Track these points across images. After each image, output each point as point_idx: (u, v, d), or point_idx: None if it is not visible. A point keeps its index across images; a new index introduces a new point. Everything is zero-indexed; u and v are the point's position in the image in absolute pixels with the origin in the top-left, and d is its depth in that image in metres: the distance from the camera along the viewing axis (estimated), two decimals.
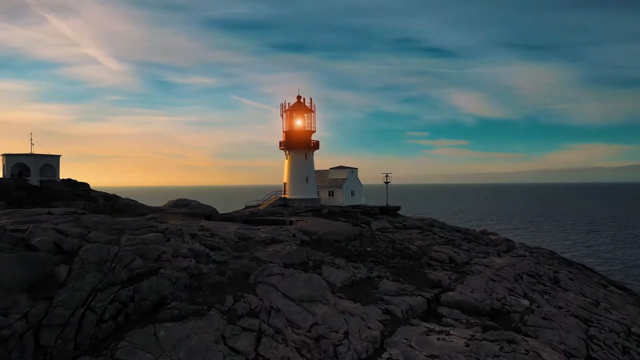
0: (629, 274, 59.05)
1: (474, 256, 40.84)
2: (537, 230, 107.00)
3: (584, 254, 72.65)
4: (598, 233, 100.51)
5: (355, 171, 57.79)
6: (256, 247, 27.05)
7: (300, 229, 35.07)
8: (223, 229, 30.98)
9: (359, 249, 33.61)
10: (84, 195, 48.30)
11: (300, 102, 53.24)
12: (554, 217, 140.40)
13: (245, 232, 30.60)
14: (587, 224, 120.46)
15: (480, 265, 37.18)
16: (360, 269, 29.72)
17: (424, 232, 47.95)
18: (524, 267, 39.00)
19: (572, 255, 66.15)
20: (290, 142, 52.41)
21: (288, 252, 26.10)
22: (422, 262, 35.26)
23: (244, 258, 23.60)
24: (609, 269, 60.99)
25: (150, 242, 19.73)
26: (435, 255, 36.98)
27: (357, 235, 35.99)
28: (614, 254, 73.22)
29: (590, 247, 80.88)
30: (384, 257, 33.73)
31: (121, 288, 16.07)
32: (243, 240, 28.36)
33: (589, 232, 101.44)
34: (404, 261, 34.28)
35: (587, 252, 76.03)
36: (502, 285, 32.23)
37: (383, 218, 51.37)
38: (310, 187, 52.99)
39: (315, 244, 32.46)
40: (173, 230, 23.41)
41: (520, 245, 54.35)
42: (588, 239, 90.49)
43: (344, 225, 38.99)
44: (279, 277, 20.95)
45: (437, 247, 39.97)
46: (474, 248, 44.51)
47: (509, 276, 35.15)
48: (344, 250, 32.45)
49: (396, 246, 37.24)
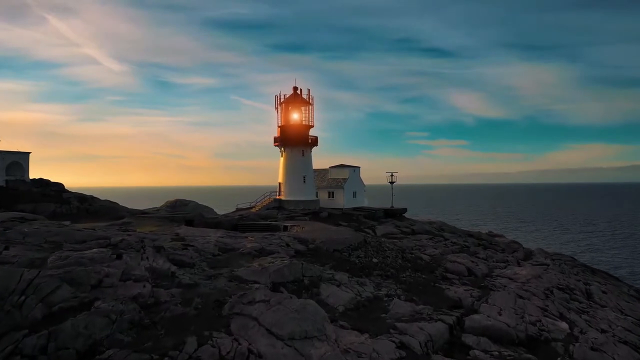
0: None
1: (493, 266, 35.95)
2: (538, 231, 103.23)
3: (589, 256, 68.69)
4: (601, 233, 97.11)
5: (358, 170, 52.82)
6: (239, 261, 22.14)
7: (295, 237, 30.16)
8: (202, 237, 26.06)
9: (364, 261, 28.70)
10: (55, 197, 43.43)
11: (296, 94, 48.26)
12: (556, 217, 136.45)
13: (229, 242, 25.69)
14: (589, 224, 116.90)
15: (503, 278, 32.29)
16: (366, 286, 24.85)
17: (435, 237, 43.03)
18: (551, 279, 34.16)
19: (585, 259, 61.64)
20: (285, 137, 47.41)
21: (278, 268, 21.19)
22: (436, 275, 30.36)
23: (221, 278, 18.67)
24: (628, 273, 56.51)
25: (90, 261, 14.78)
26: (451, 267, 32.06)
27: (362, 244, 31.08)
28: (620, 255, 69.79)
29: (595, 248, 77.20)
30: (393, 269, 28.81)
31: (28, 334, 11.11)
32: (224, 253, 23.44)
33: (593, 233, 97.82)
34: (416, 274, 29.38)
35: (592, 253, 72.36)
36: (533, 304, 27.34)
37: (389, 222, 46.44)
38: (307, 187, 48.05)
39: (313, 255, 27.56)
40: (131, 242, 18.46)
41: (538, 251, 49.46)
42: (591, 240, 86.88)
43: (346, 232, 34.06)
44: (263, 305, 16.02)
45: (452, 256, 35.05)
46: (492, 256, 39.59)
47: (538, 291, 30.31)
48: (346, 263, 27.55)
49: (406, 256, 32.31)
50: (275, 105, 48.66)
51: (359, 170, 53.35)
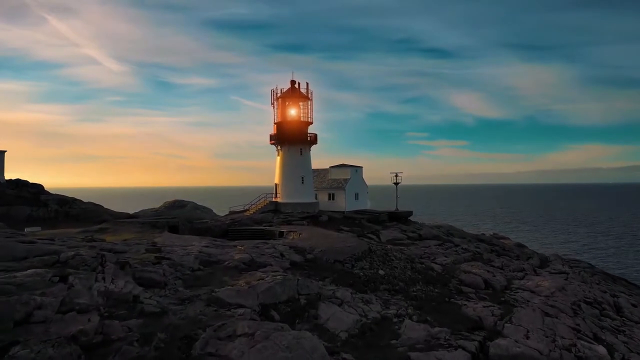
0: None
1: (510, 277, 32.55)
2: (539, 232, 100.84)
3: (595, 258, 65.96)
4: (603, 234, 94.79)
5: (360, 170, 49.33)
6: (223, 277, 18.70)
7: (291, 245, 26.72)
8: (183, 247, 22.63)
9: (369, 273, 25.25)
10: (32, 199, 39.99)
11: (294, 88, 44.81)
12: (557, 218, 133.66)
13: (214, 253, 22.25)
14: (591, 225, 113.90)
15: (525, 291, 28.89)
16: (372, 304, 21.46)
17: (444, 243, 39.60)
18: (577, 292, 30.79)
19: (596, 263, 58.62)
20: (282, 134, 43.95)
21: (269, 286, 17.75)
22: (450, 288, 26.93)
23: (197, 301, 15.22)
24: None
25: (18, 287, 11.33)
26: (467, 278, 28.63)
27: (366, 253, 27.64)
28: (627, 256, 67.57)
29: (599, 249, 74.93)
30: (401, 282, 25.38)
31: None
32: (206, 267, 19.99)
33: (595, 234, 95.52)
34: (427, 288, 25.94)
35: (595, 254, 70.15)
36: (563, 323, 23.92)
37: (394, 226, 43.01)
38: (306, 188, 44.62)
39: (311, 267, 24.13)
40: (86, 258, 15.02)
41: (554, 257, 46.12)
42: (594, 241, 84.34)
43: (348, 239, 30.62)
44: (246, 341, 12.59)
45: (466, 266, 31.62)
46: (507, 264, 36.16)
47: (566, 306, 26.92)
48: (348, 276, 24.12)
49: (415, 266, 28.87)
50: (271, 100, 45.25)
51: (362, 170, 49.88)
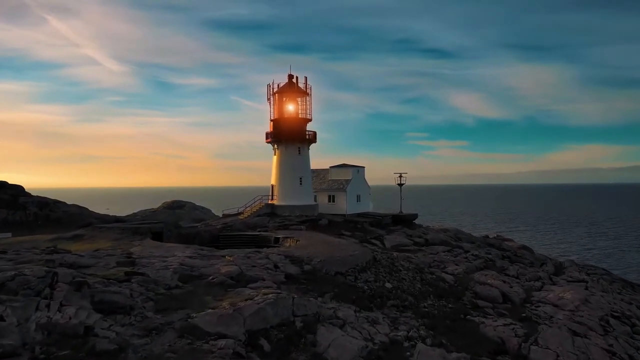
0: None
1: (528, 287, 29.74)
2: (540, 232, 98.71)
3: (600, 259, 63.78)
4: (605, 235, 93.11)
5: (362, 170, 46.44)
6: (205, 296, 15.87)
7: (286, 254, 23.87)
8: (162, 258, 19.79)
9: (374, 286, 22.40)
10: (9, 201, 37.17)
11: (292, 83, 41.94)
12: (560, 219, 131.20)
13: (197, 265, 19.41)
14: (592, 225, 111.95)
15: (547, 305, 26.08)
16: (378, 324, 18.65)
17: (453, 249, 36.75)
18: (602, 304, 28.01)
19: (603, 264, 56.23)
20: (279, 132, 41.06)
21: (258, 308, 14.93)
22: (465, 303, 24.11)
23: (168, 332, 12.40)
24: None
25: None
26: (482, 291, 25.78)
27: (371, 263, 24.79)
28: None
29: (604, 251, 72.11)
30: (411, 297, 22.54)
31: None
32: (186, 283, 17.14)
33: (596, 235, 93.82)
34: (440, 302, 23.12)
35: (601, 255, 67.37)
36: (595, 344, 21.18)
37: (398, 230, 40.17)
38: (304, 190, 41.79)
39: (309, 280, 21.29)
40: (30, 279, 12.22)
41: (569, 263, 43.24)
42: (597, 243, 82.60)
43: (350, 246, 27.77)
44: None
45: (480, 276, 28.79)
46: (523, 273, 33.32)
47: (593, 323, 24.13)
48: (351, 290, 21.27)
49: (425, 277, 26.04)
50: (267, 95, 42.38)
51: (364, 170, 47.00)
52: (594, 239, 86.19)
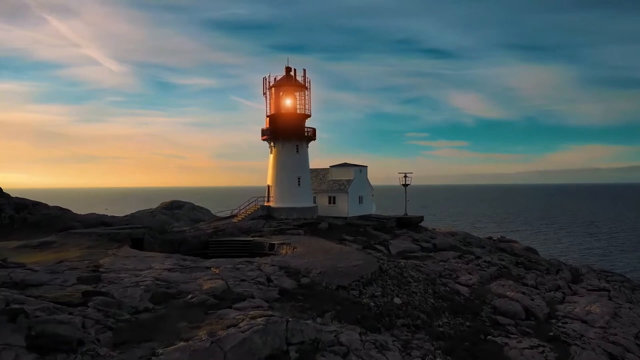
0: None
1: (549, 298, 26.91)
2: (542, 233, 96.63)
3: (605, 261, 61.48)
4: (606, 236, 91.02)
5: (365, 170, 43.54)
6: (179, 322, 13.02)
7: (281, 265, 21.02)
8: (135, 272, 16.95)
9: (382, 302, 19.55)
10: None
11: (289, 76, 39.08)
12: (561, 219, 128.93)
13: (176, 279, 16.57)
14: (590, 225, 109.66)
15: (574, 321, 23.23)
16: (388, 350, 15.81)
17: (464, 255, 33.90)
18: (633, 319, 25.25)
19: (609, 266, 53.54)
20: (276, 129, 38.18)
21: (244, 338, 12.09)
22: (484, 320, 21.27)
23: None
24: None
25: None
26: (502, 305, 22.93)
27: (377, 274, 21.93)
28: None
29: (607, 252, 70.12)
30: (423, 314, 19.71)
31: None
32: (159, 304, 14.30)
33: (596, 235, 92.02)
34: (456, 320, 20.28)
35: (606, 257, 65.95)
36: None
37: (404, 234, 37.32)
38: (303, 191, 38.95)
39: (306, 295, 18.44)
40: None
41: (586, 269, 40.42)
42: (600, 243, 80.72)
43: (354, 254, 24.89)
44: None
45: (497, 287, 25.95)
46: (542, 282, 30.46)
47: (629, 342, 21.34)
48: (356, 308, 18.43)
49: (438, 289, 23.19)
50: (263, 89, 39.51)
51: (366, 170, 44.10)
52: (593, 239, 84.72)
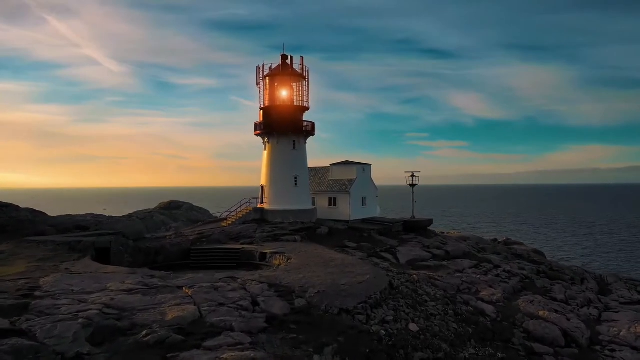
0: None
1: (585, 316, 23.21)
2: (544, 234, 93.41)
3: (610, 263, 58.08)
4: (609, 236, 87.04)
5: (368, 169, 39.79)
6: None
7: (271, 282, 17.28)
8: (81, 295, 13.23)
9: (395, 330, 15.82)
10: None
11: (286, 64, 35.36)
12: (562, 219, 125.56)
13: (132, 305, 12.84)
14: (589, 226, 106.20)
15: (623, 347, 19.51)
16: None
17: (480, 264, 30.21)
18: None
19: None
20: (270, 122, 34.45)
21: None
22: (517, 348, 17.57)
23: None
24: None
25: None
26: (536, 329, 19.20)
27: (387, 292, 18.18)
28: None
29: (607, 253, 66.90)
30: (445, 344, 16.02)
31: None
32: (100, 345, 10.57)
33: (597, 235, 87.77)
34: (485, 350, 16.57)
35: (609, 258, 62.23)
36: None
37: (412, 239, 33.61)
38: (300, 192, 35.25)
39: (301, 323, 14.68)
40: None
41: (612, 278, 36.76)
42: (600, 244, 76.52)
43: (358, 266, 21.12)
44: None
45: (526, 304, 22.22)
46: (573, 296, 26.73)
47: None
48: (363, 339, 14.70)
49: (459, 309, 19.47)
50: (256, 80, 35.76)
51: (370, 168, 40.35)
52: (595, 239, 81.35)
